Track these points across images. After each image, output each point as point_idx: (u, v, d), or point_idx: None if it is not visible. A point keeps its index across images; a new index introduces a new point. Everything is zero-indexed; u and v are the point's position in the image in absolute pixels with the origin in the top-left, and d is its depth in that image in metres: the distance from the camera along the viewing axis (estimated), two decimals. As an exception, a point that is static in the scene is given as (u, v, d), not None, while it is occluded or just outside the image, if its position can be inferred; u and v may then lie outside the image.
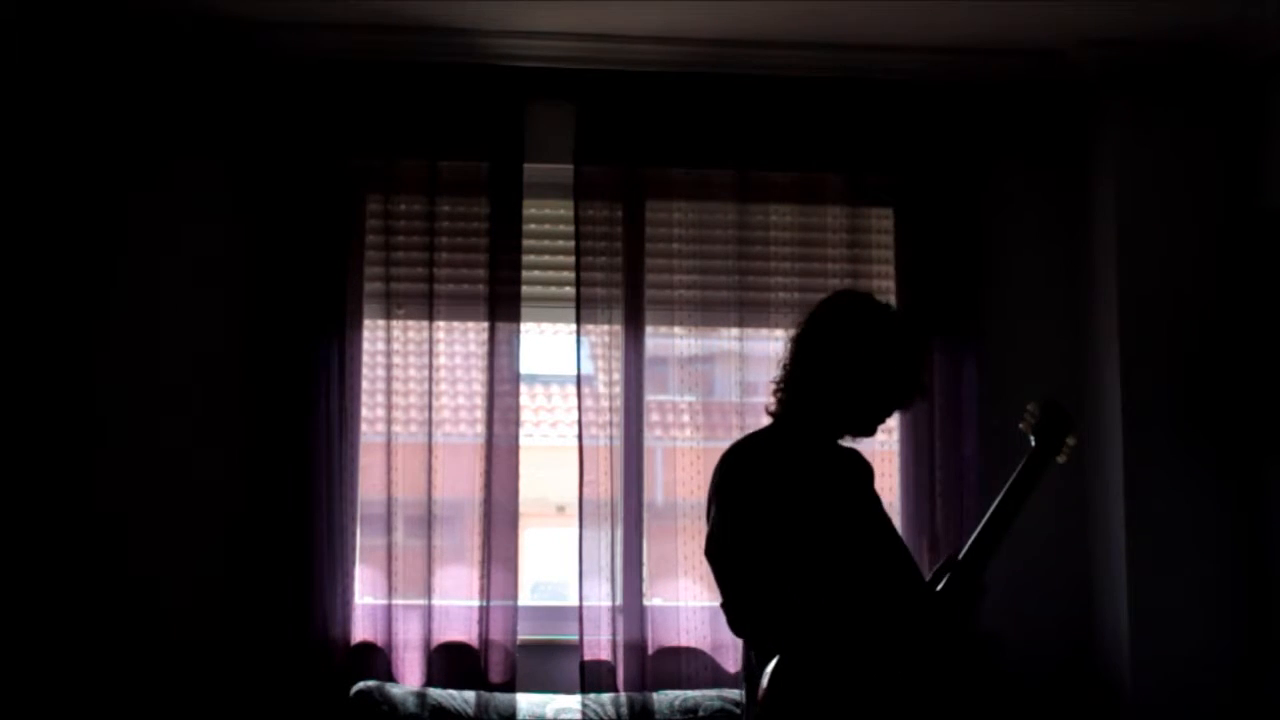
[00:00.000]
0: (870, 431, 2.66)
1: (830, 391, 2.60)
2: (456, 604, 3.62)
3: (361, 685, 3.42)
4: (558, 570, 3.91)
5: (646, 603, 3.62)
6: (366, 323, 3.69)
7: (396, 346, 3.68)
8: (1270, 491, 3.55)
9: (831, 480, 2.51)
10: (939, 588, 2.61)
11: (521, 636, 3.61)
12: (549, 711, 3.45)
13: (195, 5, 3.51)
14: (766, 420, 2.71)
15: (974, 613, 2.62)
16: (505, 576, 3.59)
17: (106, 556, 3.56)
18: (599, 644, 3.60)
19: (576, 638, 3.59)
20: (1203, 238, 3.69)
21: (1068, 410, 2.71)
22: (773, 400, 2.67)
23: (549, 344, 3.99)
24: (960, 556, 2.62)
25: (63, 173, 3.65)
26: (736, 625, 2.58)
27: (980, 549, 2.61)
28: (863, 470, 2.53)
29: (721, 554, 2.56)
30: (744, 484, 2.55)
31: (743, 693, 2.66)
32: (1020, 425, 2.75)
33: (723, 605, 2.59)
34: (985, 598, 2.62)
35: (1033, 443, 2.69)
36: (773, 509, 2.49)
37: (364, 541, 3.63)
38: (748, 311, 3.74)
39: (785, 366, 2.67)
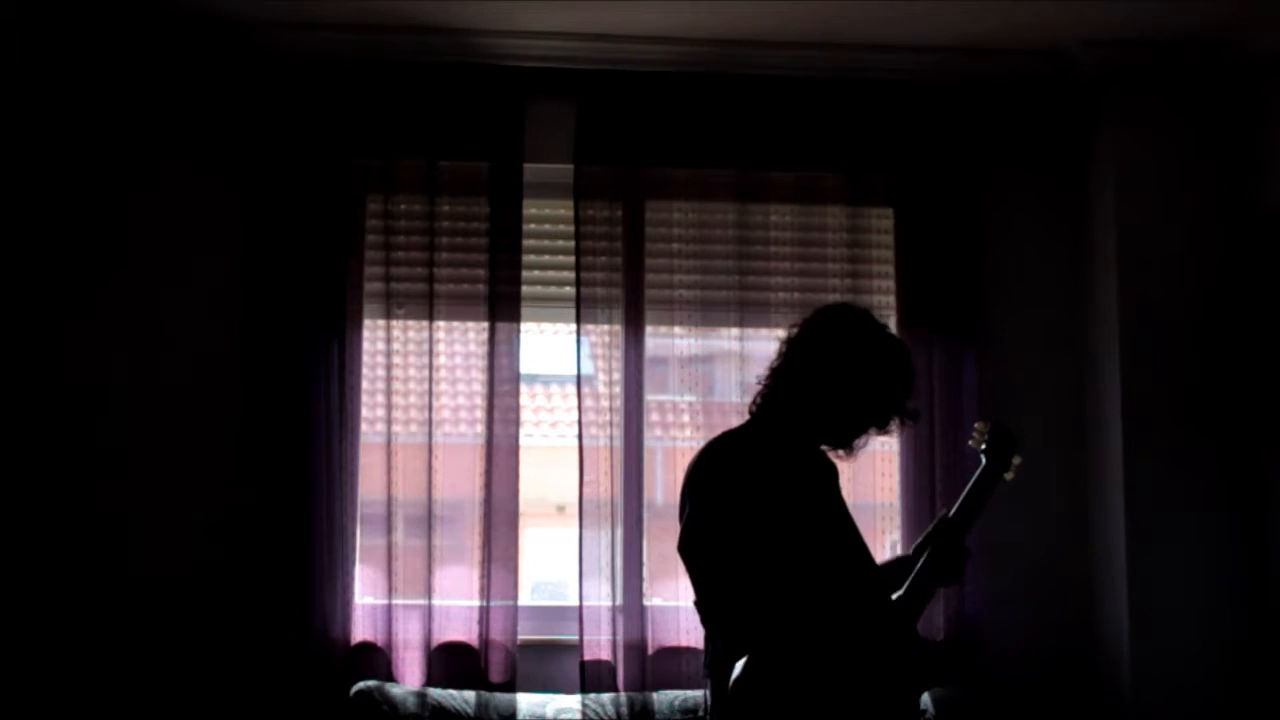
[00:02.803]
0: (844, 445, 2.68)
1: (811, 400, 2.63)
2: (456, 604, 3.62)
3: (361, 685, 3.42)
4: (558, 570, 3.91)
5: (646, 603, 3.62)
6: (366, 323, 3.69)
7: (396, 346, 3.68)
8: (1270, 491, 3.55)
9: (796, 482, 2.53)
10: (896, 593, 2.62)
11: (521, 636, 3.61)
12: (549, 711, 3.45)
13: (195, 5, 3.51)
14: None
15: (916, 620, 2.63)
16: (505, 576, 3.59)
17: (106, 557, 3.56)
18: (599, 644, 3.60)
19: (576, 638, 3.59)
20: (1203, 237, 3.69)
21: (1014, 431, 2.74)
22: (757, 399, 2.69)
23: (549, 344, 3.99)
24: (908, 583, 2.62)
25: (63, 172, 3.66)
26: (709, 622, 2.58)
27: (917, 584, 2.62)
28: (826, 471, 2.56)
29: (694, 551, 2.56)
30: (717, 482, 2.56)
31: (707, 690, 2.65)
32: (970, 442, 2.78)
33: (695, 603, 2.59)
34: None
35: (983, 461, 2.72)
36: (743, 508, 2.49)
37: (364, 541, 3.63)
38: (748, 311, 3.74)
39: (772, 368, 2.69)
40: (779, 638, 2.44)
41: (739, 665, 2.44)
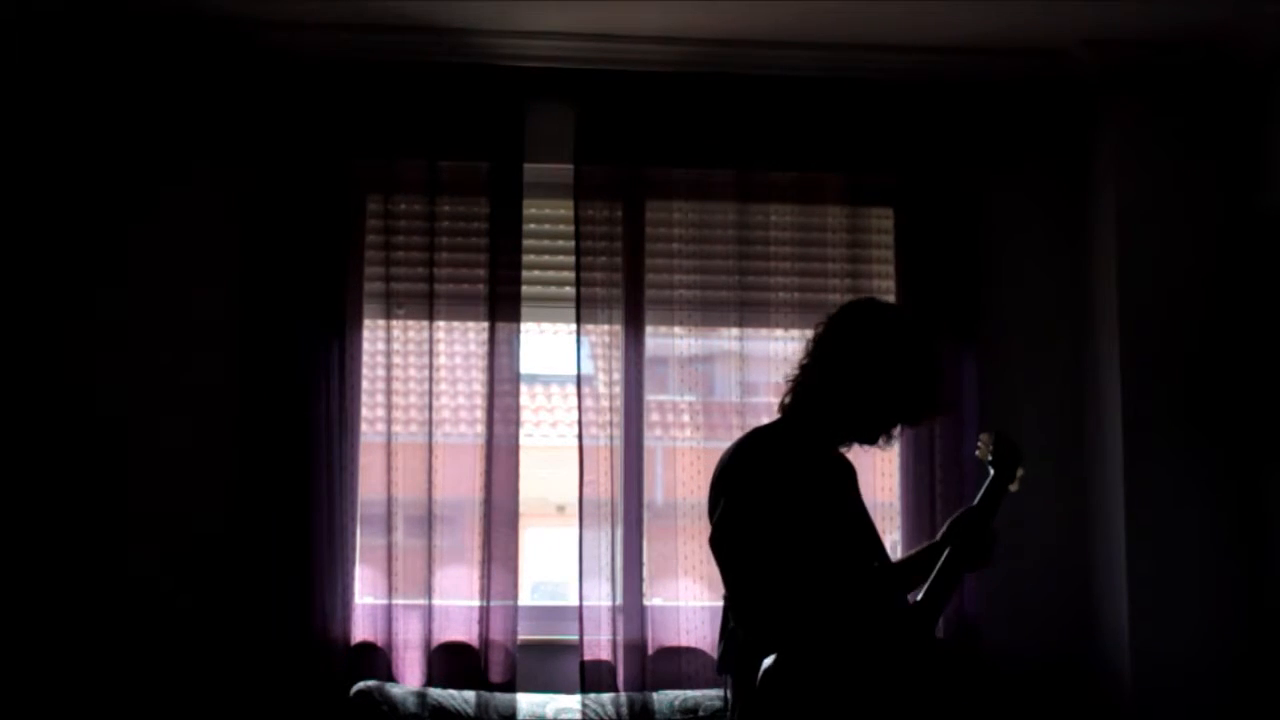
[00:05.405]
0: (873, 440, 2.69)
1: (842, 397, 2.63)
2: (456, 604, 3.62)
3: (361, 685, 3.42)
4: (558, 570, 3.91)
5: (646, 603, 3.62)
6: (366, 323, 3.69)
7: (396, 346, 3.68)
8: (1270, 492, 3.55)
9: (825, 481, 2.54)
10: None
11: (521, 636, 3.61)
12: (549, 711, 3.45)
13: (195, 5, 3.51)
14: (768, 418, 2.73)
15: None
16: (505, 576, 3.59)
17: (106, 557, 3.56)
18: (599, 644, 3.60)
19: (576, 638, 3.59)
20: (1203, 238, 3.69)
21: (1017, 442, 2.77)
22: (786, 397, 2.70)
23: (549, 344, 3.99)
24: (920, 596, 2.65)
25: (62, 172, 3.65)
26: (738, 617, 2.58)
27: (941, 577, 2.65)
28: (848, 472, 2.56)
29: (725, 546, 2.56)
30: (749, 479, 2.56)
31: (728, 689, 2.65)
32: (976, 453, 2.81)
33: (725, 598, 2.60)
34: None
35: (990, 472, 2.74)
36: (774, 505, 2.50)
37: (364, 541, 3.63)
38: (748, 311, 3.74)
39: (801, 366, 2.69)
40: (808, 634, 2.44)
41: (767, 660, 2.44)
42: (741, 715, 2.53)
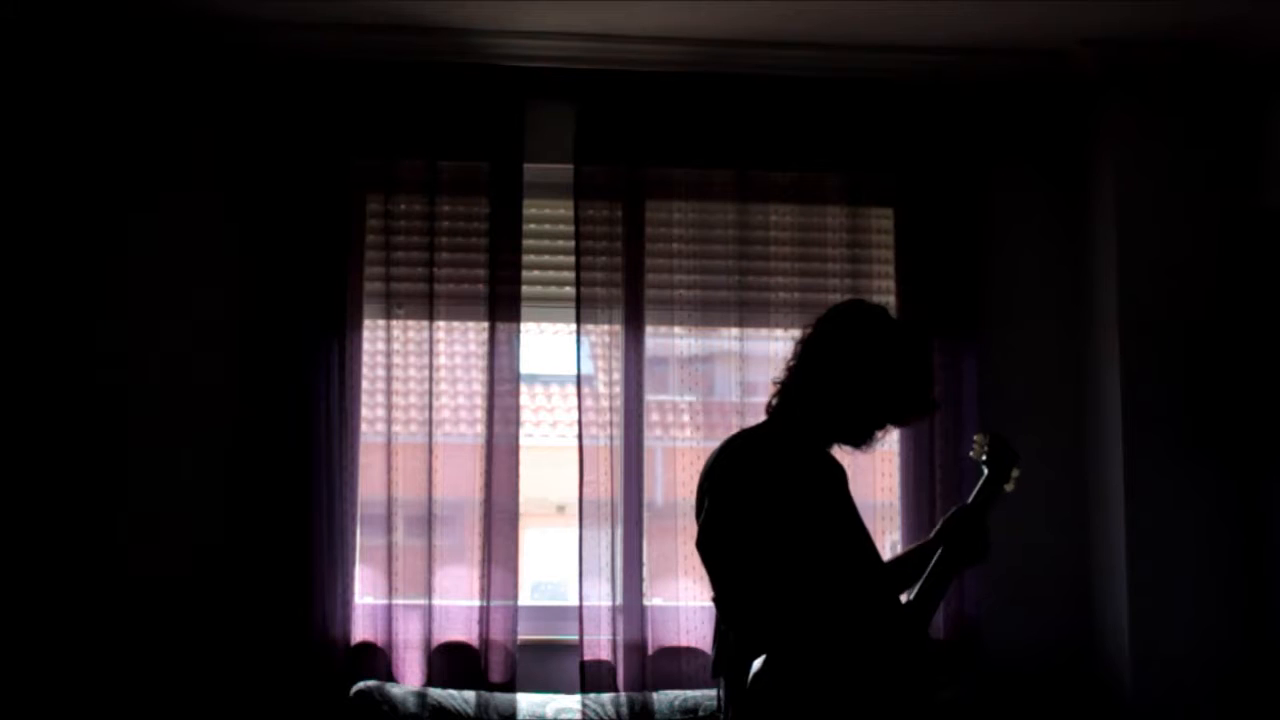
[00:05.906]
0: (861, 443, 2.68)
1: (829, 400, 2.63)
2: (456, 604, 3.62)
3: (361, 685, 3.42)
4: (558, 570, 3.91)
5: (646, 603, 3.62)
6: (366, 323, 3.69)
7: (396, 346, 3.68)
8: (1270, 492, 3.55)
9: (813, 482, 2.53)
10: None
11: (521, 636, 3.61)
12: (549, 711, 3.45)
13: (195, 5, 3.51)
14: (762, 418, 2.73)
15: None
16: (505, 576, 3.59)
17: (106, 557, 3.56)
18: (599, 644, 3.60)
19: (576, 638, 3.59)
20: (1203, 238, 3.69)
21: (1012, 444, 2.77)
22: (773, 399, 2.69)
23: (549, 344, 3.99)
24: (926, 572, 2.66)
25: (62, 172, 3.65)
26: (727, 618, 2.58)
27: (935, 575, 2.66)
28: (838, 473, 2.57)
29: (712, 548, 2.56)
30: (735, 480, 2.56)
31: (720, 690, 2.65)
32: (970, 454, 2.81)
33: (714, 599, 2.60)
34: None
35: (985, 472, 2.75)
36: (761, 506, 2.50)
37: (364, 541, 3.63)
38: (748, 311, 3.74)
39: (789, 368, 2.69)
40: (798, 636, 2.44)
41: (757, 663, 2.44)
42: (735, 717, 2.53)
